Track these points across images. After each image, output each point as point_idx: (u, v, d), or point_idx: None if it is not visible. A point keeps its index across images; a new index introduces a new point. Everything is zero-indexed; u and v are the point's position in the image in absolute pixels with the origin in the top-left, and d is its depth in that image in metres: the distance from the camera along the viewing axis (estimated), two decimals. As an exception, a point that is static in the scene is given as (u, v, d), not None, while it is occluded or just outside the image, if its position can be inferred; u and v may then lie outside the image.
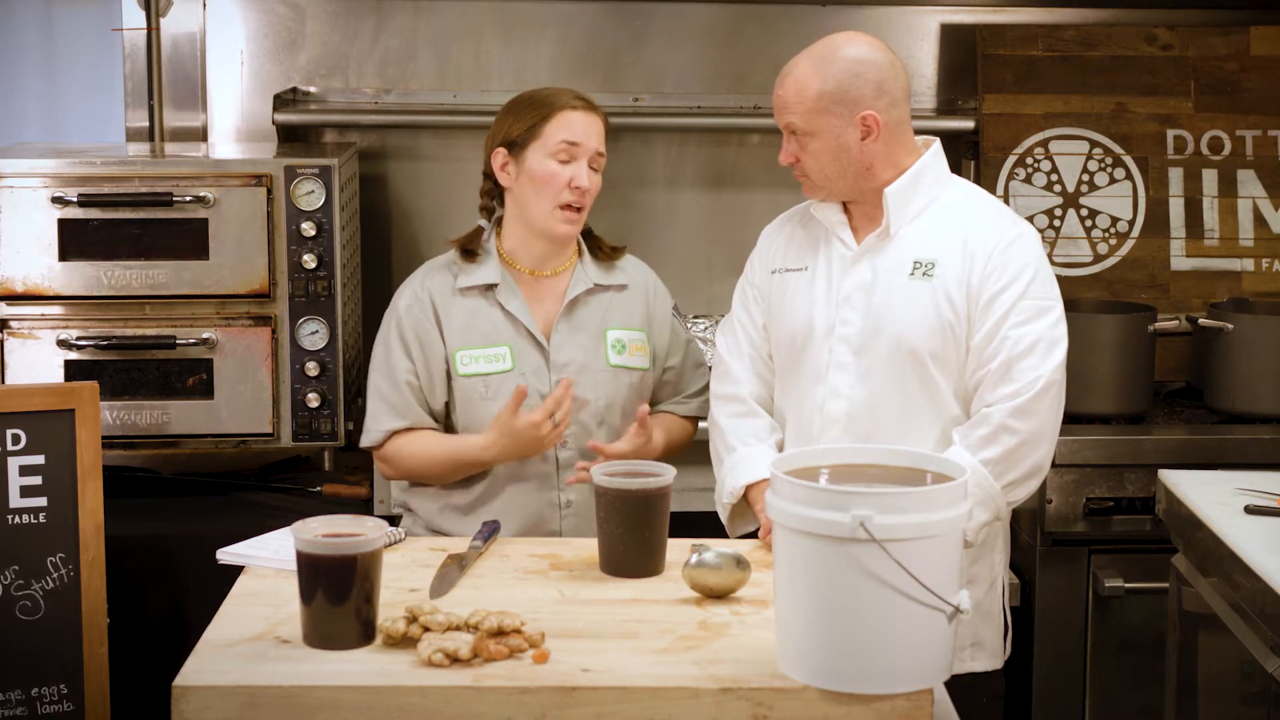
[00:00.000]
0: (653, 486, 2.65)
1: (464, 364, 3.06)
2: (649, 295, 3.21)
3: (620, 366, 3.12)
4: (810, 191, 2.92)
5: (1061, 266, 4.04)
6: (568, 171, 3.03)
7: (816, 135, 2.83)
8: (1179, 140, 4.12)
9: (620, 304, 3.17)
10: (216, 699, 2.17)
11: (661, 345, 3.20)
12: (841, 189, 2.88)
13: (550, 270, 3.13)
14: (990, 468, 2.77)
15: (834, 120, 2.82)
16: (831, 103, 2.81)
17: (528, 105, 3.08)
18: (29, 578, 2.98)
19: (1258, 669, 2.56)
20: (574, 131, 3.03)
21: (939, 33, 4.28)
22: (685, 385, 3.24)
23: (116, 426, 3.51)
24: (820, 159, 2.85)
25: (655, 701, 2.17)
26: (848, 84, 2.81)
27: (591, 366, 3.10)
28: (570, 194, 3.03)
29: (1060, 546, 3.63)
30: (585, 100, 3.09)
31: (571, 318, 3.11)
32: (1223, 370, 3.76)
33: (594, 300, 3.14)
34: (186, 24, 4.13)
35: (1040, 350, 2.80)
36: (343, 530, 2.35)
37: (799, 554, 2.16)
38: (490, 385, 3.06)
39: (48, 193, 3.46)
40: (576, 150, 3.03)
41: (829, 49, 2.85)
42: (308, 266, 3.52)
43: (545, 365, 3.08)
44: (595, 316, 3.13)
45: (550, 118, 3.04)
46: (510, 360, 3.07)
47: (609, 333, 3.13)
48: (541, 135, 3.04)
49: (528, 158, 3.05)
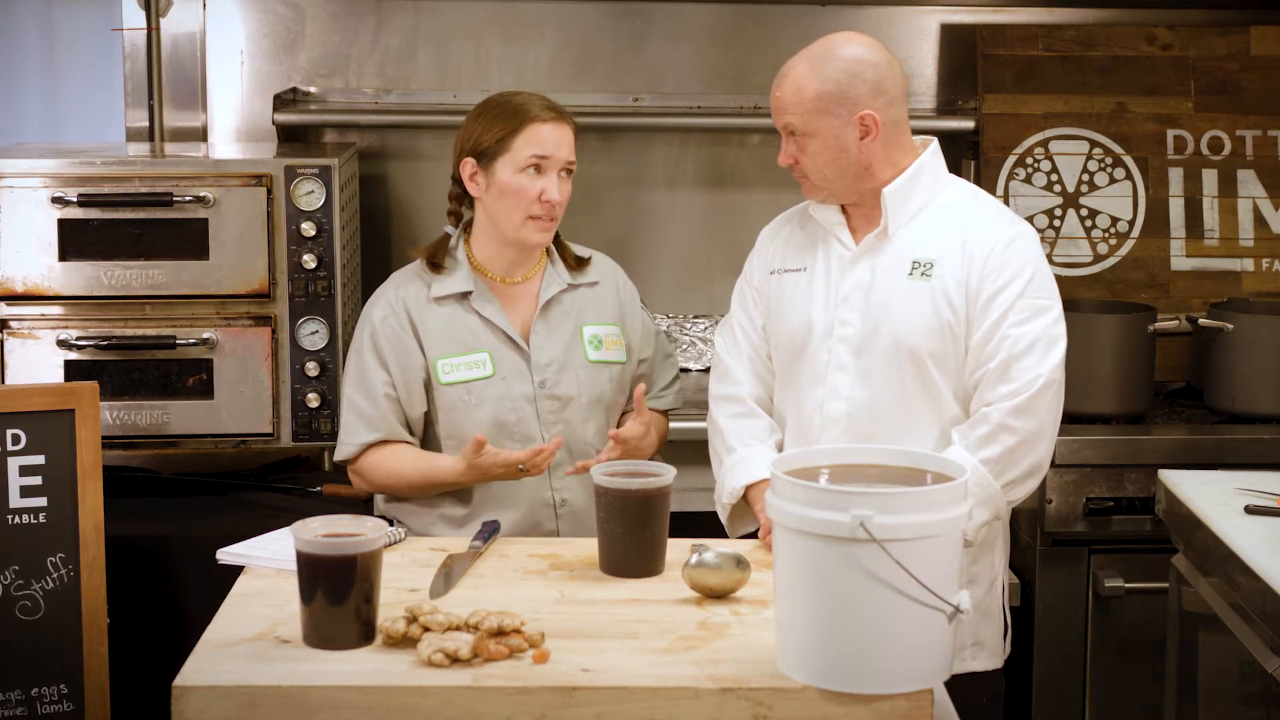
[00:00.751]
0: (653, 486, 2.65)
1: (445, 372, 3.06)
2: (619, 290, 3.23)
3: (599, 362, 3.12)
4: (810, 192, 2.92)
5: (1061, 266, 4.04)
6: (538, 185, 3.02)
7: (815, 136, 2.83)
8: (1179, 140, 4.12)
9: (593, 300, 3.17)
10: (216, 699, 2.17)
11: (635, 338, 3.21)
12: (841, 189, 2.88)
13: (521, 276, 3.13)
14: (990, 467, 2.77)
15: (832, 121, 2.82)
16: (830, 103, 2.81)
17: (496, 115, 3.06)
18: (29, 578, 2.98)
19: (1258, 669, 2.56)
20: (543, 145, 3.02)
21: (939, 33, 4.28)
22: (657, 379, 3.25)
23: (116, 426, 3.51)
24: (819, 159, 2.85)
25: (655, 701, 2.17)
26: (845, 84, 2.81)
27: (572, 364, 3.10)
28: (540, 207, 3.03)
29: (1060, 546, 3.63)
30: (555, 110, 3.07)
31: (548, 318, 3.12)
32: (1223, 370, 3.76)
33: (567, 299, 3.15)
34: (186, 24, 4.13)
35: (1039, 349, 2.80)
36: (343, 530, 2.35)
37: (799, 554, 2.16)
38: (473, 392, 3.06)
39: (48, 193, 3.46)
40: (546, 163, 3.03)
41: (826, 50, 2.85)
42: (308, 266, 3.52)
43: (527, 367, 3.08)
44: (570, 315, 3.14)
45: (519, 131, 3.02)
46: (491, 366, 3.07)
47: (585, 329, 3.14)
48: (511, 149, 3.03)
49: (497, 170, 3.04)
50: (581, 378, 3.10)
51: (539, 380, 3.07)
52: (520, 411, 3.06)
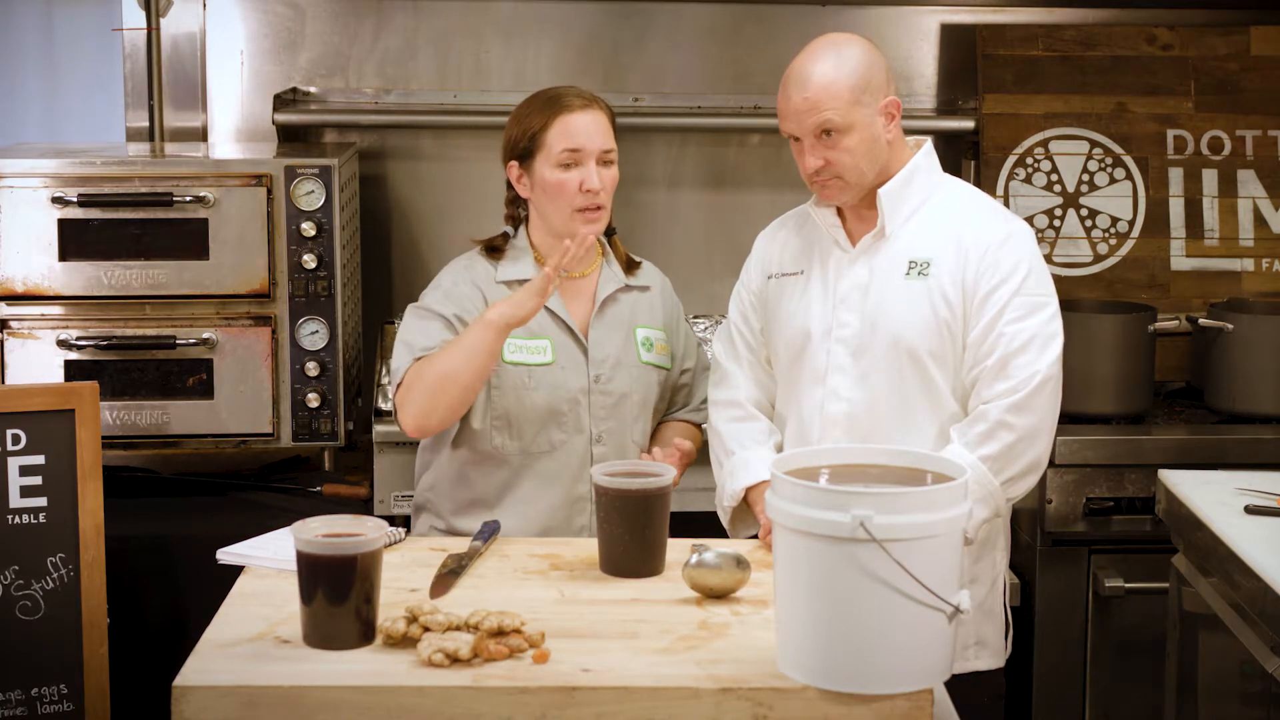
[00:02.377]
0: (653, 486, 2.65)
1: (510, 351, 3.04)
2: (666, 298, 3.25)
3: (650, 364, 3.14)
4: (837, 195, 2.88)
5: (1061, 266, 4.04)
6: (576, 176, 3.02)
7: (853, 129, 2.82)
8: (1179, 140, 4.12)
9: (645, 304, 3.19)
10: (216, 699, 2.17)
11: (679, 347, 3.23)
12: (867, 185, 2.87)
13: (579, 272, 3.13)
14: (989, 464, 2.77)
15: (866, 110, 2.82)
16: (861, 93, 2.82)
17: (529, 112, 3.07)
18: (29, 578, 2.98)
19: (1258, 669, 2.56)
20: (574, 137, 3.02)
21: (939, 33, 4.28)
22: (697, 392, 3.25)
23: (116, 426, 3.51)
24: (856, 154, 2.83)
25: (655, 701, 2.17)
26: (868, 74, 2.83)
27: (626, 362, 3.11)
28: (583, 198, 3.03)
29: (1060, 546, 3.63)
30: (585, 97, 3.07)
31: (604, 316, 3.13)
32: (1223, 370, 3.76)
33: (622, 299, 3.16)
34: (186, 24, 4.13)
35: (1036, 346, 2.80)
36: (343, 530, 2.35)
37: (799, 554, 2.16)
38: (534, 376, 3.05)
39: (48, 193, 3.46)
40: (580, 155, 3.02)
41: (835, 47, 2.85)
42: (308, 266, 3.52)
43: (584, 361, 3.09)
44: (625, 315, 3.15)
45: (550, 126, 3.03)
46: (551, 354, 3.07)
47: (638, 330, 3.15)
48: (545, 145, 3.03)
49: (536, 169, 3.05)
50: (634, 376, 3.11)
51: (594, 375, 3.08)
52: (574, 403, 3.06)
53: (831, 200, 2.91)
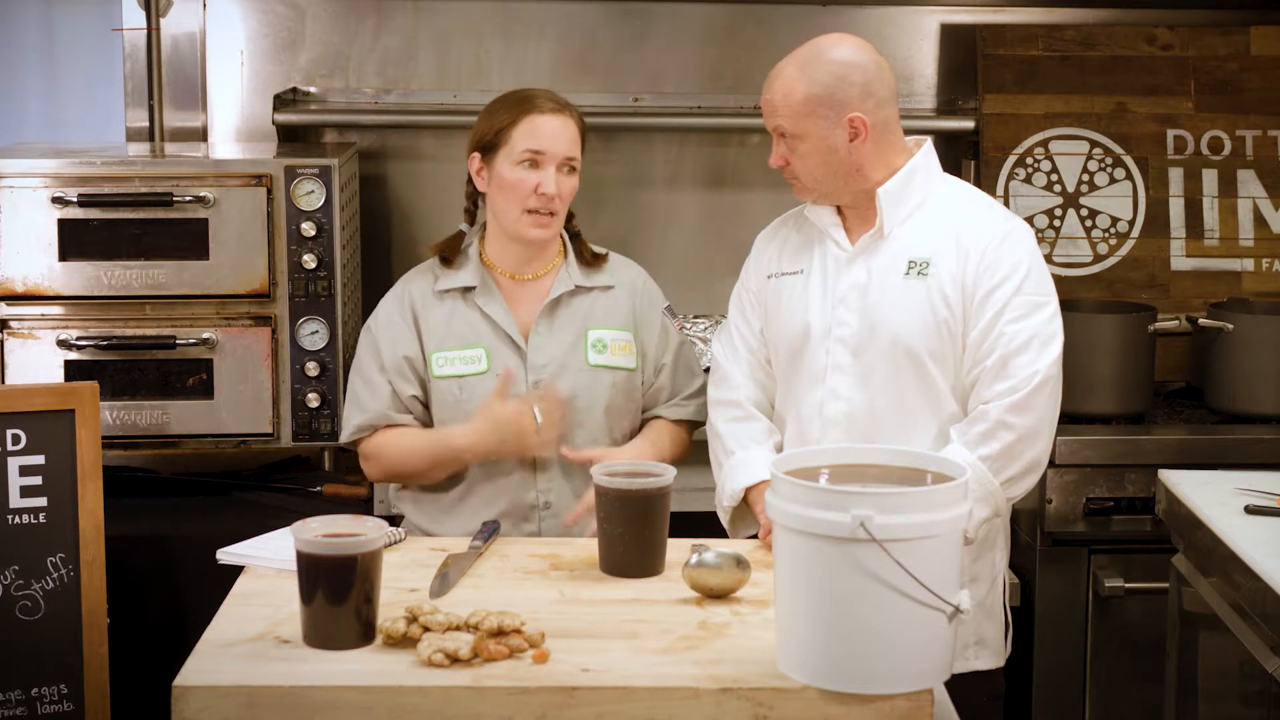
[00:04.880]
0: (653, 486, 2.65)
1: (439, 366, 3.07)
2: (636, 295, 3.20)
3: (600, 366, 3.10)
4: (802, 193, 2.93)
5: (1061, 266, 4.04)
6: (534, 178, 3.02)
7: (805, 138, 2.84)
8: (1179, 140, 4.12)
9: (604, 304, 3.16)
10: (216, 699, 2.17)
11: (650, 345, 3.18)
12: (832, 190, 2.89)
13: (531, 274, 3.12)
14: (989, 464, 2.77)
15: (822, 123, 2.82)
16: (818, 105, 2.82)
17: (500, 108, 3.08)
18: (29, 578, 2.98)
19: (1258, 669, 2.56)
20: (539, 139, 3.02)
21: (939, 33, 4.28)
22: (679, 388, 3.22)
23: (116, 426, 3.51)
24: (809, 161, 2.86)
25: (655, 701, 2.17)
26: (834, 87, 2.81)
27: (570, 366, 3.09)
28: (536, 200, 3.03)
29: (1060, 546, 3.63)
30: (557, 103, 3.07)
31: (552, 318, 3.11)
32: (1223, 370, 3.76)
33: (576, 301, 3.13)
34: (186, 24, 4.13)
35: (1035, 345, 2.80)
36: (343, 530, 2.35)
37: (799, 554, 2.16)
38: (464, 386, 3.06)
39: (48, 193, 3.46)
40: (542, 158, 3.02)
41: (814, 52, 2.85)
42: (308, 266, 3.52)
43: (523, 366, 3.08)
44: (577, 316, 3.12)
45: (517, 123, 3.03)
46: (486, 362, 3.07)
47: (590, 332, 3.11)
48: (509, 141, 3.03)
49: (497, 164, 3.05)
50: (578, 381, 3.08)
51: (533, 380, 3.07)
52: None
53: (802, 198, 2.94)
